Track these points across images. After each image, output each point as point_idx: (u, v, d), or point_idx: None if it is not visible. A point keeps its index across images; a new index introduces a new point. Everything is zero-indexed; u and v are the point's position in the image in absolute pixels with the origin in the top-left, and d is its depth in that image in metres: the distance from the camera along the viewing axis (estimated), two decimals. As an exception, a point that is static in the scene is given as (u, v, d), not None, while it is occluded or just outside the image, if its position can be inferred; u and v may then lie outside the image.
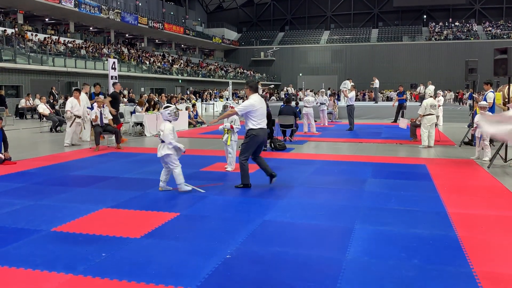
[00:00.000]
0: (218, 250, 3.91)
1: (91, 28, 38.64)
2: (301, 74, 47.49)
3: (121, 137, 11.84)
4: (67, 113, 11.39)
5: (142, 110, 14.98)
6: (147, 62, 36.69)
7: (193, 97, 28.96)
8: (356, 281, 3.31)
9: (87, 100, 12.07)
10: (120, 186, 6.61)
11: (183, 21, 52.24)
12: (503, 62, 9.19)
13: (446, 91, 33.52)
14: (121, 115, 15.23)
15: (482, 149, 8.94)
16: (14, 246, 4.04)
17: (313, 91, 28.85)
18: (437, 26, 53.61)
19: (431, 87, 19.80)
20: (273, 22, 61.44)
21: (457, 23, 53.19)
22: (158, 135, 6.28)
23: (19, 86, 24.41)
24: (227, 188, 6.47)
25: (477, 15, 54.00)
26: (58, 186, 6.57)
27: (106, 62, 25.12)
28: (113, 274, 3.40)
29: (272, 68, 56.51)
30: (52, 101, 20.64)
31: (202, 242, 4.15)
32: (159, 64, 38.24)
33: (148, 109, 15.19)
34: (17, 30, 27.12)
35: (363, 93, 39.10)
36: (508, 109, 8.99)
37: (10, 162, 8.42)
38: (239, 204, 5.65)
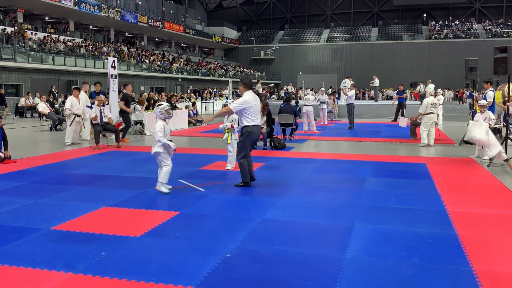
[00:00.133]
0: (217, 249, 3.91)
1: (91, 26, 38.61)
2: (301, 73, 47.47)
3: (124, 136, 11.88)
4: (66, 111, 11.40)
5: (142, 108, 14.99)
6: (147, 61, 36.68)
7: (193, 96, 28.96)
8: (355, 279, 3.31)
9: (87, 98, 12.07)
10: (120, 184, 6.61)
11: (183, 19, 52.18)
12: (503, 60, 9.18)
13: (445, 90, 33.48)
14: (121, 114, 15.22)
15: (482, 148, 8.93)
16: (14, 245, 4.04)
17: (313, 90, 28.83)
18: (437, 24, 53.59)
19: (431, 86, 19.82)
20: (273, 20, 61.39)
21: (457, 22, 53.18)
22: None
23: (19, 85, 24.42)
24: (227, 186, 6.47)
25: (477, 14, 53.98)
26: (58, 185, 6.58)
27: (105, 60, 25.07)
28: (113, 273, 3.41)
29: (272, 66, 56.49)
30: (52, 99, 20.65)
31: (202, 241, 4.15)
32: (159, 62, 38.22)
33: (147, 107, 15.19)
34: (16, 28, 27.10)
35: (363, 91, 39.05)
36: (508, 107, 9.01)
37: (10, 160, 8.43)
38: (239, 202, 5.65)
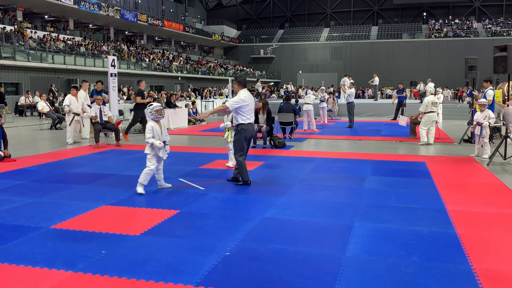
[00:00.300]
0: (217, 247, 3.91)
1: (91, 25, 38.58)
2: (300, 72, 47.47)
3: (127, 132, 11.87)
4: (65, 107, 11.38)
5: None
6: (147, 60, 36.65)
7: (193, 94, 28.94)
8: (355, 278, 3.31)
9: (86, 97, 12.05)
10: (119, 183, 6.61)
11: (183, 18, 52.14)
12: (503, 59, 9.18)
13: (445, 88, 33.44)
14: (120, 113, 15.21)
15: (482, 146, 8.94)
16: (14, 243, 4.05)
17: (313, 89, 28.83)
18: (437, 23, 53.55)
19: (431, 85, 19.79)
20: (272, 19, 61.33)
21: (457, 21, 53.14)
22: None
23: (19, 84, 24.40)
24: (227, 185, 6.47)
25: (477, 13, 53.94)
26: (58, 184, 6.58)
27: (105, 59, 25.06)
28: (112, 272, 3.41)
29: (271, 65, 56.45)
30: (51, 98, 20.63)
31: (202, 239, 4.15)
32: (159, 61, 38.19)
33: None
34: (16, 27, 27.07)
35: (362, 90, 39.03)
36: (507, 106, 9.00)
37: (9, 159, 8.43)
38: (239, 201, 5.66)
